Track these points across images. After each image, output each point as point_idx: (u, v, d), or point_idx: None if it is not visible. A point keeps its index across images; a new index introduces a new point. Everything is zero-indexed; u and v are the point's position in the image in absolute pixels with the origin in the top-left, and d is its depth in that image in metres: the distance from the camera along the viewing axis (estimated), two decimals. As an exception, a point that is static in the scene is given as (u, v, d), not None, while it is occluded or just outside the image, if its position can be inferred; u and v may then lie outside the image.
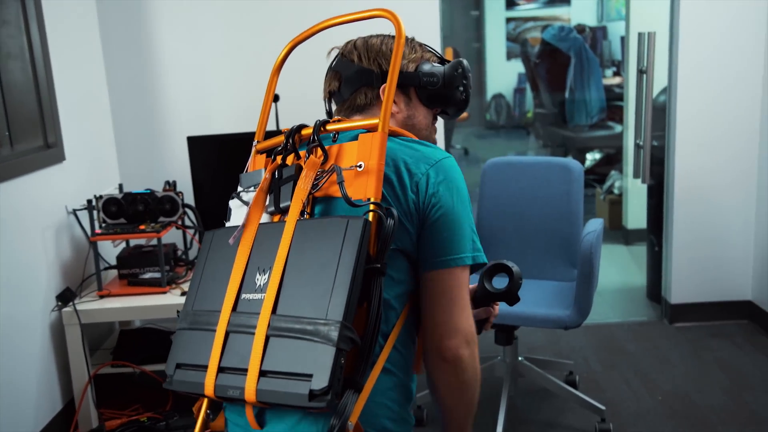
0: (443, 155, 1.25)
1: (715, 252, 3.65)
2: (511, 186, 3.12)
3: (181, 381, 1.18)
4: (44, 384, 2.78)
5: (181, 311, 1.24)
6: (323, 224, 1.11)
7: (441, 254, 1.20)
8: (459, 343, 1.20)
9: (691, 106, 3.50)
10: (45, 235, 2.83)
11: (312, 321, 1.03)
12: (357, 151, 1.17)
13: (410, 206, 1.18)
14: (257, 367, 1.06)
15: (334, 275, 1.04)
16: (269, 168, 1.24)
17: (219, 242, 1.24)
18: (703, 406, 2.88)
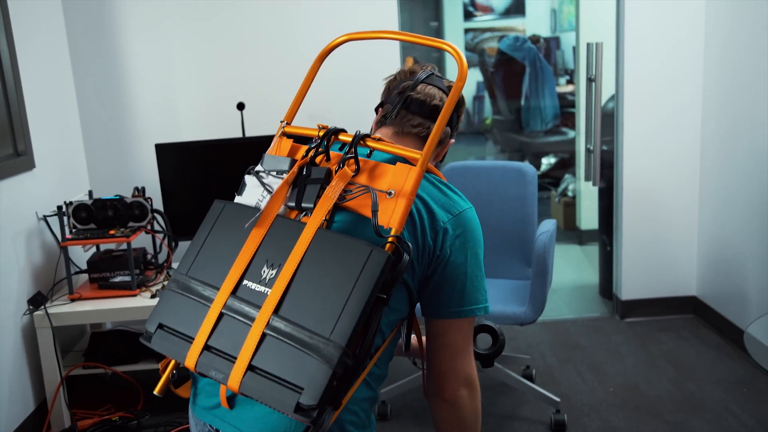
0: (465, 206, 1.29)
1: (662, 250, 3.83)
2: (469, 189, 3.23)
3: (161, 343, 1.17)
4: (16, 386, 2.83)
5: (176, 270, 1.23)
6: (345, 243, 1.09)
7: (451, 305, 1.25)
8: (459, 386, 1.27)
9: (637, 112, 3.68)
10: (16, 240, 2.88)
11: (314, 335, 1.03)
12: (391, 176, 1.17)
13: (425, 248, 1.23)
14: (247, 360, 1.06)
15: (345, 299, 1.04)
16: (298, 163, 1.23)
17: (228, 216, 1.22)
18: (651, 396, 3.04)
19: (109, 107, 3.54)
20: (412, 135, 1.39)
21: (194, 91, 3.57)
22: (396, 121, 1.40)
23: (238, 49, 3.52)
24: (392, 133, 1.40)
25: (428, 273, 1.25)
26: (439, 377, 1.28)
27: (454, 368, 1.27)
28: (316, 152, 1.24)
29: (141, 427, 2.89)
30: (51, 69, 3.32)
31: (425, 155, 1.18)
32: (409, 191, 1.14)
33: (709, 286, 3.74)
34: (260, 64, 3.49)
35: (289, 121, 1.38)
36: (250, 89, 3.46)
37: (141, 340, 1.20)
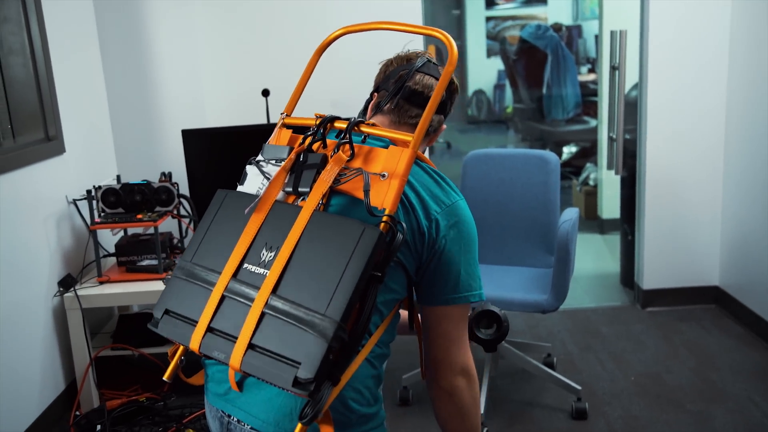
0: (457, 197, 1.30)
1: (685, 240, 3.82)
2: (491, 177, 3.24)
3: (167, 327, 1.20)
4: (48, 366, 2.89)
5: (181, 257, 1.26)
6: (339, 223, 1.13)
7: (445, 293, 1.26)
8: (455, 375, 1.28)
9: (660, 100, 3.66)
10: (47, 224, 2.94)
11: (310, 312, 1.06)
12: (384, 159, 1.20)
13: (421, 233, 1.24)
14: (247, 339, 1.09)
15: (340, 276, 1.07)
16: (295, 150, 1.25)
17: (230, 204, 1.25)
18: (672, 385, 3.05)
19: (137, 93, 3.59)
20: (409, 125, 1.40)
21: (220, 78, 3.61)
22: (394, 111, 1.41)
23: (264, 36, 3.55)
24: (389, 122, 1.41)
25: (425, 260, 1.27)
26: (436, 366, 1.29)
27: (450, 357, 1.28)
28: (312, 139, 1.27)
29: (167, 408, 2.94)
30: (81, 56, 3.37)
31: (416, 138, 1.19)
32: (401, 173, 1.16)
33: (731, 276, 3.73)
34: (285, 52, 3.52)
35: (288, 112, 1.40)
36: (275, 76, 3.48)
37: (149, 326, 1.24)
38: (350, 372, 1.16)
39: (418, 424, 2.81)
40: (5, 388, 2.59)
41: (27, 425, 2.72)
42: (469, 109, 9.23)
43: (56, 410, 2.93)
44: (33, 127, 2.98)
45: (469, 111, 9.24)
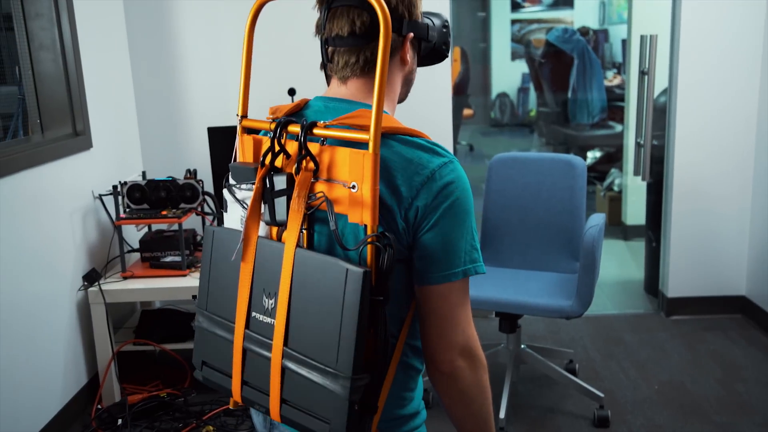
0: (439, 162, 1.12)
1: (712, 248, 3.77)
2: (516, 181, 3.21)
3: (209, 379, 1.24)
4: (71, 359, 2.91)
5: (197, 304, 1.25)
6: (323, 264, 1.06)
7: (429, 270, 1.13)
8: (453, 356, 1.16)
9: (690, 106, 3.62)
10: (73, 218, 2.96)
11: (323, 367, 1.03)
12: (349, 165, 1.07)
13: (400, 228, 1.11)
14: (278, 395, 1.09)
15: (338, 326, 1.02)
16: (258, 176, 1.15)
17: (220, 246, 1.21)
18: (697, 396, 3.00)
19: (164, 90, 3.61)
20: (356, 77, 1.20)
21: (246, 76, 3.61)
22: (333, 69, 1.22)
23: (291, 35, 3.55)
24: (336, 86, 1.23)
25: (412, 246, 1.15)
26: (431, 346, 1.17)
27: (444, 336, 1.15)
28: (273, 156, 1.15)
29: (187, 404, 2.95)
30: (109, 52, 3.40)
31: (374, 134, 1.03)
32: (369, 184, 1.04)
33: (759, 286, 3.67)
34: (311, 51, 3.51)
35: (244, 113, 1.28)
36: (301, 75, 3.48)
37: (195, 375, 1.27)
38: (386, 391, 1.12)
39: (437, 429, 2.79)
40: (29, 381, 2.61)
41: (50, 417, 2.74)
42: (493, 112, 9.20)
43: (78, 403, 2.95)
44: (61, 122, 3.01)
45: (493, 114, 9.20)
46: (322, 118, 1.16)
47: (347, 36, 1.17)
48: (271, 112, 1.24)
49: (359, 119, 1.10)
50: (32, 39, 2.93)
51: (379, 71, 1.04)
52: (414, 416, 1.24)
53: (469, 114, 8.63)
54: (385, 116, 1.08)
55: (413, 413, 1.24)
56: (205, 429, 2.77)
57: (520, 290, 2.88)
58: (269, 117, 1.22)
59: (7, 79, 2.93)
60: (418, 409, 1.25)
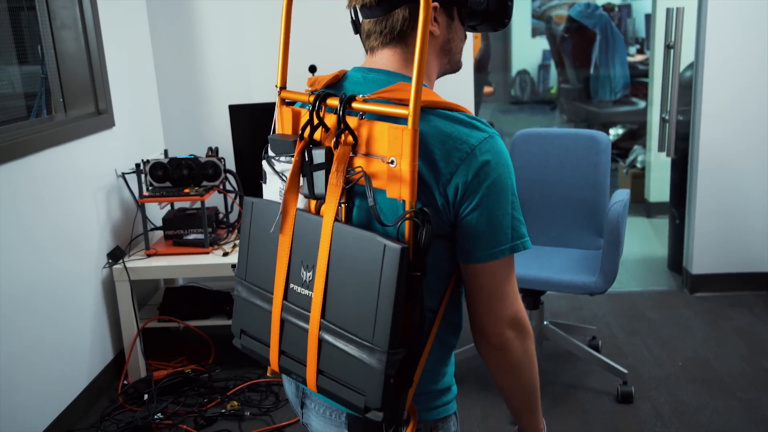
0: (479, 137, 1.10)
1: (737, 224, 3.72)
2: (540, 157, 3.19)
3: (247, 347, 1.25)
4: (97, 335, 2.95)
5: (236, 274, 1.26)
6: (361, 239, 1.05)
7: (475, 249, 1.12)
8: (502, 329, 1.16)
9: (717, 80, 3.56)
10: (96, 196, 2.98)
11: (360, 341, 1.03)
12: (387, 140, 1.06)
13: (439, 204, 1.10)
14: (314, 366, 1.10)
15: (376, 301, 1.02)
16: (297, 149, 1.14)
17: (259, 217, 1.21)
18: (721, 372, 2.98)
19: (185, 69, 3.61)
20: (384, 47, 1.19)
21: (267, 54, 3.60)
22: (362, 40, 1.21)
23: (311, 12, 3.53)
24: (369, 56, 1.22)
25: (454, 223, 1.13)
26: (479, 320, 1.17)
27: (493, 311, 1.16)
28: (312, 129, 1.14)
29: (212, 380, 2.98)
30: (130, 31, 3.40)
31: (414, 109, 1.01)
32: (408, 160, 1.03)
33: (785, 263, 3.63)
34: (332, 27, 3.49)
35: (283, 84, 1.25)
36: (322, 52, 3.47)
37: (234, 343, 1.28)
38: (422, 365, 1.12)
39: (461, 404, 2.80)
40: (57, 357, 2.65)
41: (77, 392, 2.78)
42: (513, 90, 9.11)
43: (105, 379, 2.99)
44: (84, 101, 3.02)
45: (513, 91, 9.12)
46: (360, 89, 1.16)
47: (372, 5, 1.16)
48: (309, 83, 1.23)
49: (399, 93, 1.08)
50: (54, 18, 2.94)
51: (419, 44, 1.02)
52: (446, 391, 1.24)
53: (489, 92, 8.56)
54: (424, 90, 1.06)
55: (446, 388, 1.24)
56: (230, 404, 2.80)
57: (543, 266, 2.87)
58: (308, 89, 1.21)
59: (30, 58, 2.94)
60: (450, 384, 1.26)
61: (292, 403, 1.33)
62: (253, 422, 2.74)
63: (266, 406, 2.83)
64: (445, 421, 1.24)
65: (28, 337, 2.48)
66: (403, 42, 1.18)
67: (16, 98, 2.86)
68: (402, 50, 1.18)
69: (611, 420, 2.69)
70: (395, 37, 1.17)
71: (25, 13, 2.91)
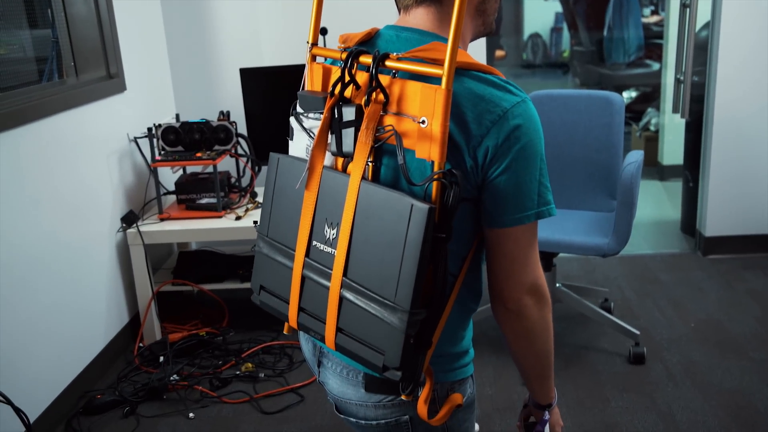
0: (512, 101, 1.09)
1: (751, 186, 3.70)
2: (553, 118, 3.17)
3: (266, 303, 1.25)
4: (112, 299, 2.98)
5: (258, 229, 1.26)
6: (387, 198, 1.05)
7: (500, 213, 1.12)
8: (521, 294, 1.16)
9: (733, 41, 3.50)
10: (109, 160, 2.98)
11: (381, 299, 1.04)
12: (420, 100, 1.05)
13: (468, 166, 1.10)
14: (334, 323, 1.10)
15: (400, 260, 1.02)
16: (327, 106, 1.14)
17: (284, 172, 1.21)
18: (735, 333, 2.98)
19: (195, 32, 3.58)
20: (417, 5, 1.18)
21: (278, 17, 3.57)
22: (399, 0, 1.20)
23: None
24: (403, 14, 1.20)
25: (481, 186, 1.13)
26: (498, 285, 1.17)
27: (513, 276, 1.15)
28: (342, 85, 1.13)
29: (226, 342, 3.02)
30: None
31: (448, 69, 1.01)
32: (440, 120, 1.02)
33: (799, 225, 3.61)
34: None
35: (314, 41, 1.24)
36: (333, 15, 3.43)
37: (252, 299, 1.27)
38: (441, 327, 1.12)
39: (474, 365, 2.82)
40: (74, 319, 2.68)
41: (95, 354, 2.82)
42: (525, 53, 9.02)
43: (121, 341, 3.03)
44: (95, 65, 3.01)
45: (525, 55, 9.03)
46: (393, 48, 1.15)
47: None
48: (341, 40, 1.21)
49: (433, 53, 1.07)
50: (63, -19, 2.92)
51: (458, 2, 1.01)
52: (464, 354, 1.25)
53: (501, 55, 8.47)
54: (459, 51, 1.05)
55: (463, 351, 1.25)
56: (244, 366, 2.83)
57: (556, 228, 2.86)
58: (340, 46, 1.19)
59: (40, 22, 2.93)
60: (468, 348, 1.27)
61: (309, 362, 1.34)
62: (267, 383, 2.78)
63: (280, 368, 2.86)
64: (461, 383, 1.25)
65: (45, 300, 2.50)
66: (438, 1, 1.16)
67: (27, 62, 2.85)
68: (437, 9, 1.17)
69: (623, 380, 2.70)
70: (414, 5, 1.16)
71: (35, -24, 2.89)
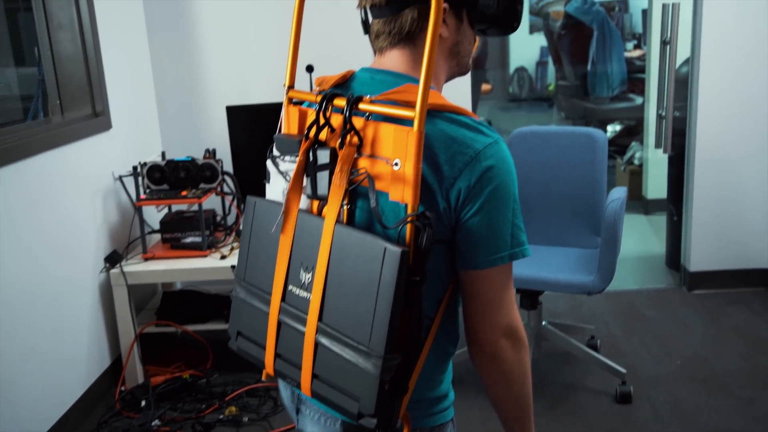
0: (484, 142, 1.09)
1: (734, 221, 3.72)
2: (537, 155, 3.18)
3: (243, 350, 1.24)
4: (94, 341, 2.94)
5: (235, 274, 1.26)
6: (361, 242, 1.05)
7: (474, 255, 1.11)
8: (496, 337, 1.15)
9: (713, 77, 3.55)
10: (94, 199, 2.97)
11: (356, 345, 1.02)
12: (393, 142, 1.05)
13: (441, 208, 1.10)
14: (309, 369, 1.09)
15: (374, 305, 1.01)
16: (302, 149, 1.14)
17: (261, 216, 1.21)
18: (720, 370, 2.98)
19: (182, 70, 3.59)
20: (392, 47, 1.18)
21: (264, 54, 3.59)
22: (371, 40, 1.21)
23: (308, 11, 3.51)
24: (378, 57, 1.21)
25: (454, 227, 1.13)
26: (474, 327, 1.16)
27: (488, 318, 1.15)
28: (318, 129, 1.13)
29: (210, 385, 2.97)
30: (127, 32, 3.38)
31: (420, 112, 1.01)
32: (412, 163, 1.02)
33: (783, 260, 3.63)
34: (329, 27, 3.49)
35: (291, 84, 1.25)
36: (319, 52, 3.45)
37: (229, 345, 1.27)
38: (417, 372, 1.11)
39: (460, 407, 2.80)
40: (53, 363, 2.64)
41: (74, 399, 2.77)
42: (511, 87, 9.11)
43: (102, 385, 2.98)
44: (81, 103, 3.01)
45: (511, 89, 9.12)
46: (368, 90, 1.15)
47: (382, 5, 1.15)
48: (317, 83, 1.22)
49: (406, 95, 1.07)
50: (51, 19, 2.93)
51: (428, 46, 1.02)
52: (443, 398, 1.23)
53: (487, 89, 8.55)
54: (431, 92, 1.06)
55: (442, 395, 1.23)
56: (228, 409, 2.79)
57: (541, 266, 2.86)
58: (315, 89, 1.20)
59: (27, 60, 2.93)
60: (447, 392, 1.25)
61: (288, 408, 1.33)
62: (251, 428, 2.74)
63: (264, 412, 2.83)
64: (441, 429, 1.23)
65: (25, 343, 2.47)
66: (411, 43, 1.17)
67: (12, 100, 2.85)
68: (411, 51, 1.18)
69: (610, 421, 2.68)
70: (404, 38, 1.17)
71: (22, 14, 2.90)
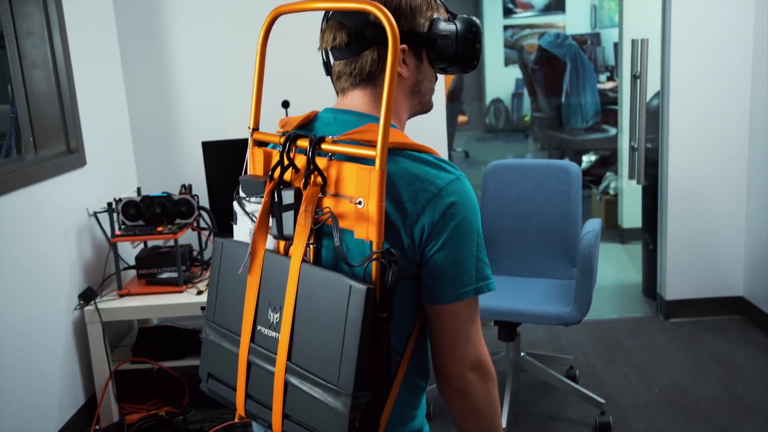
0: (446, 179, 1.11)
1: (708, 250, 3.77)
2: (512, 188, 3.22)
3: (214, 391, 1.25)
4: (68, 379, 2.89)
5: (205, 315, 1.26)
6: (327, 280, 1.05)
7: (439, 290, 1.12)
8: (464, 371, 1.16)
9: (683, 109, 3.62)
10: (67, 236, 2.94)
11: (325, 383, 1.03)
12: (356, 181, 1.07)
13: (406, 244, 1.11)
14: (280, 410, 1.10)
15: (341, 343, 1.01)
16: (267, 190, 1.15)
17: (229, 257, 1.22)
18: (698, 398, 2.99)
19: (158, 106, 3.60)
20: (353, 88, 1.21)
21: (240, 90, 3.61)
22: (333, 81, 1.25)
23: (284, 48, 3.54)
24: (340, 97, 1.24)
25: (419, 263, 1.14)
26: (441, 362, 1.17)
27: (455, 353, 1.15)
28: (282, 170, 1.15)
29: (187, 422, 2.93)
30: (102, 68, 3.39)
31: (381, 151, 1.03)
32: (375, 201, 1.04)
33: (756, 286, 3.67)
34: (305, 62, 3.52)
35: (255, 126, 1.27)
36: (295, 87, 3.48)
37: (201, 387, 1.27)
38: (389, 409, 1.11)
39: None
40: (26, 402, 2.59)
41: (48, 439, 2.72)
42: (487, 118, 9.21)
43: (76, 424, 2.93)
44: (55, 140, 3.00)
45: (487, 120, 9.22)
46: (331, 130, 1.17)
47: (342, 48, 1.19)
48: (281, 125, 1.24)
49: (367, 134, 1.10)
50: (24, 57, 2.93)
51: (387, 87, 1.04)
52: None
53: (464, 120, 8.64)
54: (393, 131, 1.08)
55: (416, 430, 1.23)
56: (206, 446, 2.76)
57: (518, 298, 2.88)
58: (279, 130, 1.22)
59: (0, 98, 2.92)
60: (421, 426, 1.25)
61: None
62: (229, 464, 2.70)
63: (242, 447, 2.79)
64: None
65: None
66: (372, 83, 1.20)
67: (-15, 138, 2.84)
68: (372, 91, 1.20)
69: (590, 451, 2.68)
70: (365, 79, 1.19)
71: (-5, 52, 2.90)
